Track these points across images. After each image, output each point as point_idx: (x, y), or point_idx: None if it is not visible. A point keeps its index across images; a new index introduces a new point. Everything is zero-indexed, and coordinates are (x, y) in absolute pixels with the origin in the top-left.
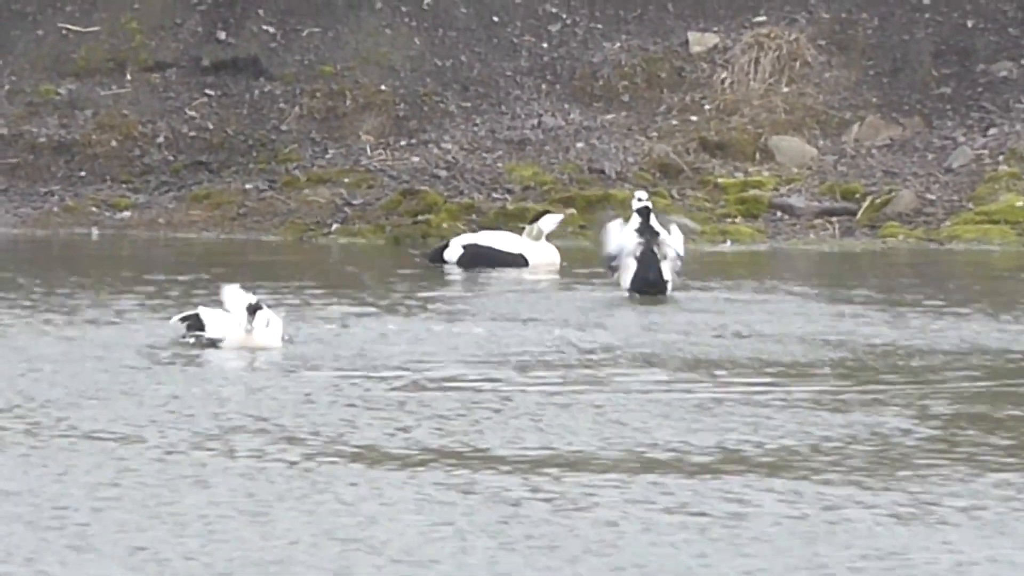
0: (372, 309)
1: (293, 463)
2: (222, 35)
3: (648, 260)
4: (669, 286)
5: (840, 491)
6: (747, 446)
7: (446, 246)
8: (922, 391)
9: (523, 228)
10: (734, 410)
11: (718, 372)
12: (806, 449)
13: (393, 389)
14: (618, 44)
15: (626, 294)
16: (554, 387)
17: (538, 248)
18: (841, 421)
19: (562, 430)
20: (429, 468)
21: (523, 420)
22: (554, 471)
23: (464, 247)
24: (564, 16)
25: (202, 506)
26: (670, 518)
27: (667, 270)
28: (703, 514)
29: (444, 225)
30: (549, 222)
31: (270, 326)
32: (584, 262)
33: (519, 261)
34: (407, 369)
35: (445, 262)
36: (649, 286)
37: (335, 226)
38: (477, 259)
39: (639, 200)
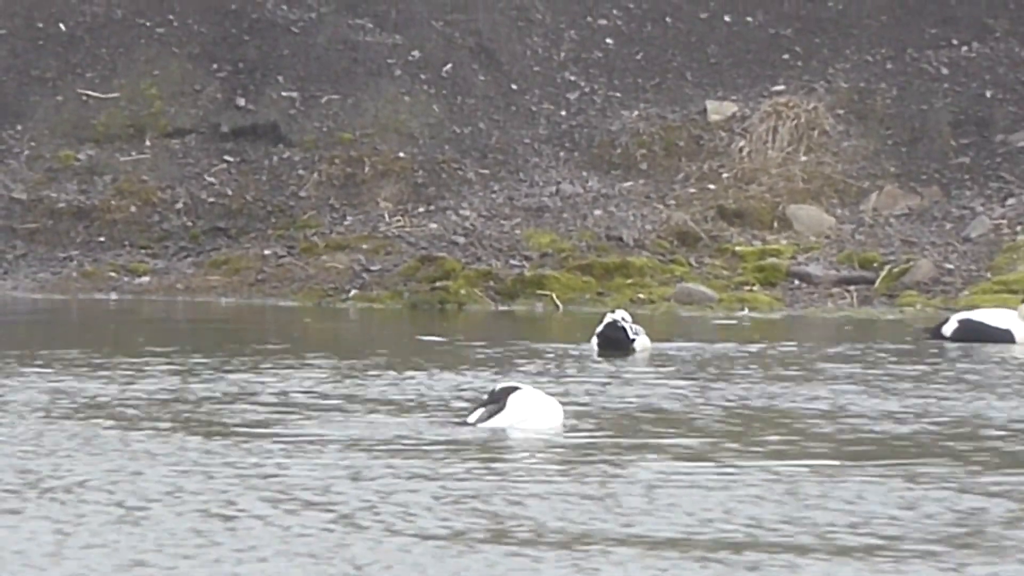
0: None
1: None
2: (241, 101)
3: (612, 327)
4: (636, 344)
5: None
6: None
7: (946, 321)
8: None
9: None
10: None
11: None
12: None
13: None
14: (636, 112)
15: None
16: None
17: None
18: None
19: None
20: None
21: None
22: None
23: (959, 322)
24: (583, 84)
25: None
26: None
27: (631, 332)
28: None
29: (462, 291)
30: None
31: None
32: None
33: (1007, 337)
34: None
35: (944, 337)
36: (612, 344)
37: (353, 292)
38: (969, 334)
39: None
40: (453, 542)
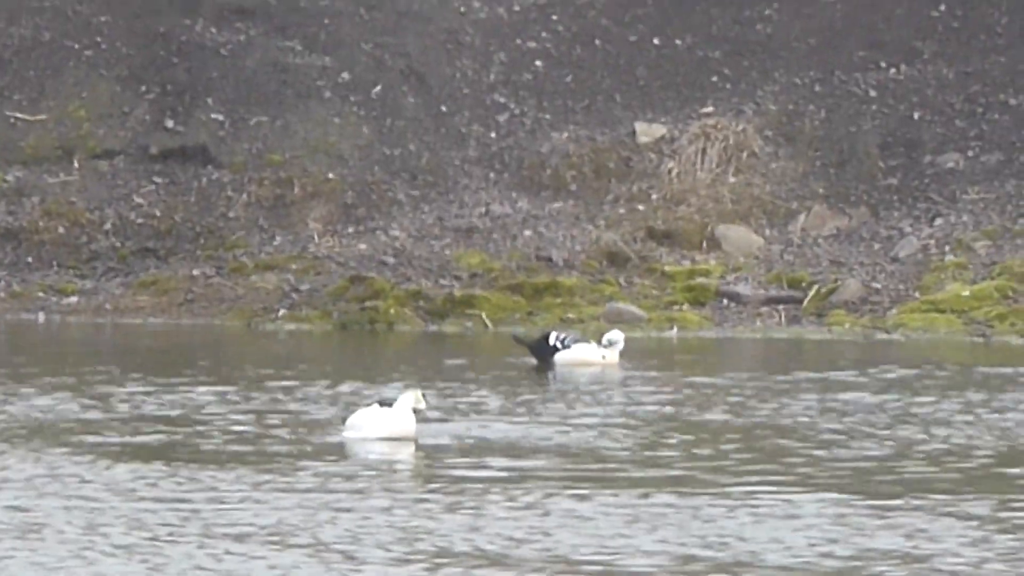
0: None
1: None
2: (170, 123)
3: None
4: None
5: None
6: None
7: None
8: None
9: None
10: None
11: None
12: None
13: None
14: (566, 134)
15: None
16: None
17: None
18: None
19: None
20: None
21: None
22: None
23: None
24: (512, 106)
25: None
26: None
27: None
28: None
29: (392, 311)
30: None
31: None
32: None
33: None
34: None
35: None
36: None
37: (282, 312)
38: None
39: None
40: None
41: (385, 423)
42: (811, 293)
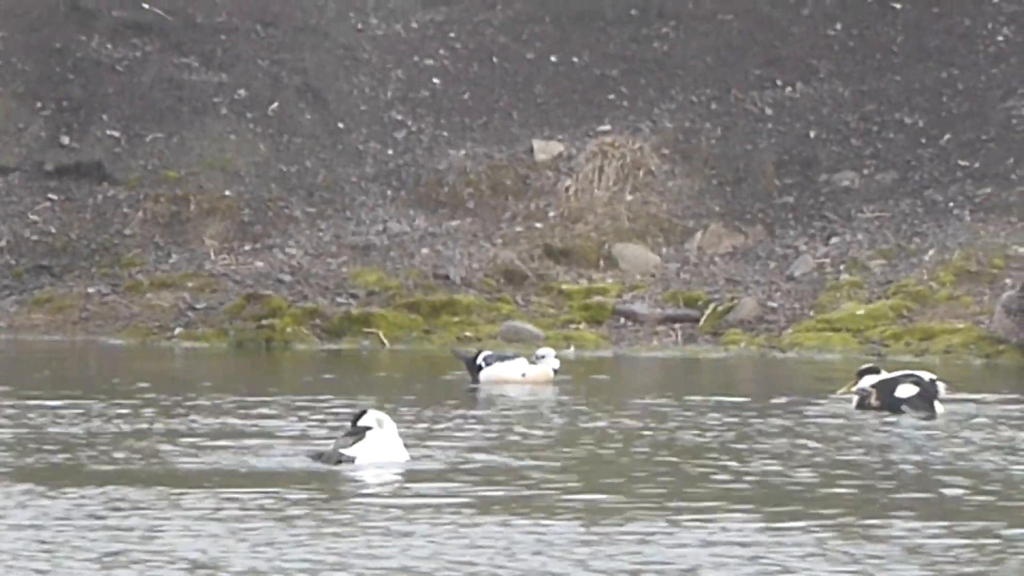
0: None
1: None
2: (66, 140)
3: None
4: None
5: None
6: None
7: None
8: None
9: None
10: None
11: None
12: None
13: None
14: (463, 151)
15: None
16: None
17: None
18: None
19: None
20: None
21: None
22: None
23: None
24: (410, 123)
25: None
26: None
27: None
28: None
29: (288, 330)
30: None
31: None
32: (431, 367)
33: None
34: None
35: None
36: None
37: (178, 330)
38: None
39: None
40: None
41: (394, 450)
42: (707, 312)
